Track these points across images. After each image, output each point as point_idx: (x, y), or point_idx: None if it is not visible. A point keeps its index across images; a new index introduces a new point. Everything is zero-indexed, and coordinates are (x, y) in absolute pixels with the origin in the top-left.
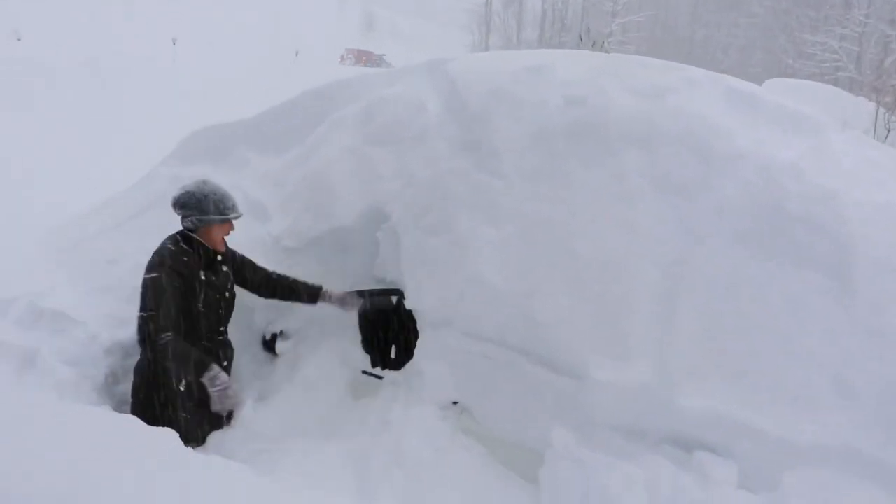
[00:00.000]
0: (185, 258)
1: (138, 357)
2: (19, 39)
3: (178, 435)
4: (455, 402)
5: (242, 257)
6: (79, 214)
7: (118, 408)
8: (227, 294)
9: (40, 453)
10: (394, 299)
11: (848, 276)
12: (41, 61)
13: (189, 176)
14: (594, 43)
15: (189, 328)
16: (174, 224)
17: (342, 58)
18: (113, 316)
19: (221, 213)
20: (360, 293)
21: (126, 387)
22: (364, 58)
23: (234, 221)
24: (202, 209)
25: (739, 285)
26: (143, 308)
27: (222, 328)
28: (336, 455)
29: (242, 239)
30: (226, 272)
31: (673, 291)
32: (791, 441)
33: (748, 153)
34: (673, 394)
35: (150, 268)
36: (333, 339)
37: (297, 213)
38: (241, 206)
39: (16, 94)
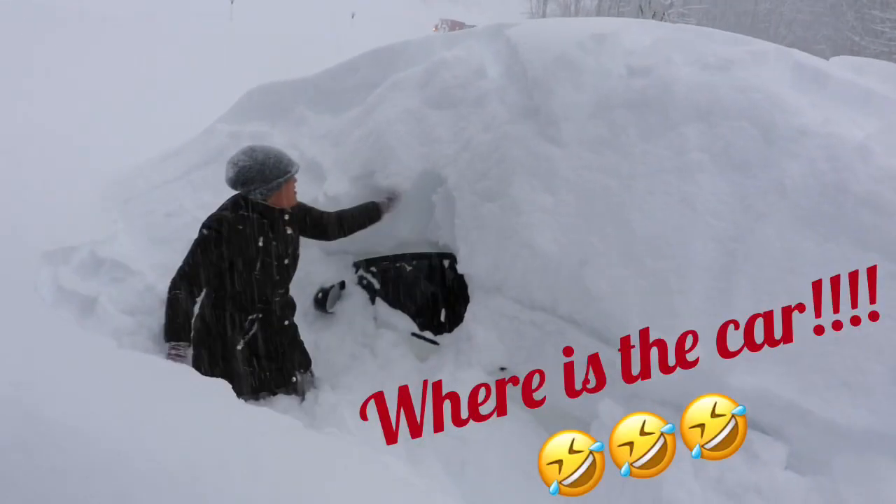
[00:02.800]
0: (240, 226)
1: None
2: None
3: (230, 386)
4: (503, 368)
5: (307, 210)
6: (138, 166)
7: None
8: (285, 260)
9: (98, 397)
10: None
11: None
12: (97, 13)
13: (249, 134)
14: (654, 13)
15: (242, 293)
16: None
17: (436, 27)
18: (169, 267)
19: (283, 174)
20: (411, 256)
21: None
22: (457, 27)
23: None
24: (265, 178)
25: (798, 266)
26: (184, 259)
27: (281, 290)
28: None
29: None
30: (290, 235)
31: (729, 268)
32: (843, 425)
33: (814, 131)
34: (724, 371)
35: (204, 227)
36: (382, 304)
37: (354, 173)
38: (299, 165)
39: (73, 45)
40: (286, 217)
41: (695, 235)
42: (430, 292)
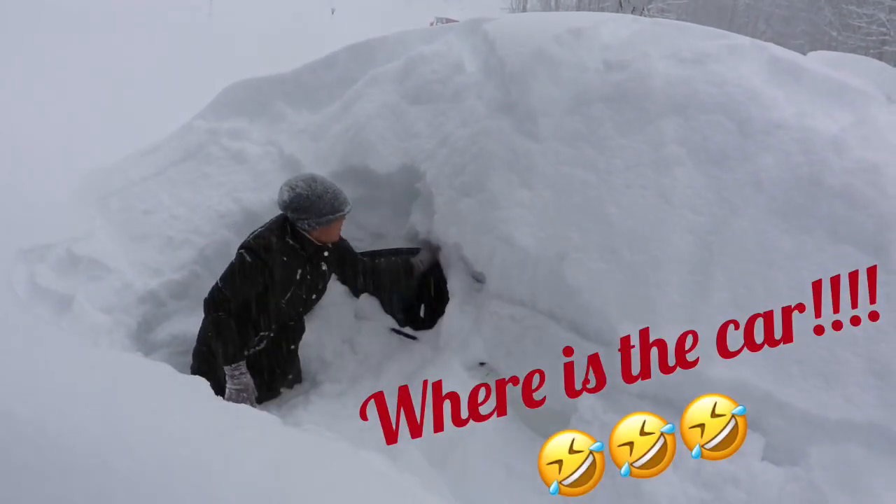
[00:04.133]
0: (284, 257)
1: (171, 305)
2: None
3: (209, 384)
4: (482, 363)
5: (345, 249)
6: (115, 163)
7: (148, 355)
8: (313, 295)
9: (75, 395)
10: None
11: (886, 251)
12: (74, 8)
13: (227, 130)
14: (634, 8)
15: (262, 315)
16: (208, 178)
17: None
18: (146, 265)
19: (337, 211)
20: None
21: (158, 335)
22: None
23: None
24: (318, 211)
25: (773, 258)
26: (222, 278)
27: (296, 317)
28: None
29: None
30: (324, 271)
31: (706, 261)
32: (819, 416)
33: (789, 124)
34: (702, 364)
35: (249, 248)
36: (363, 298)
37: (332, 169)
38: (277, 161)
39: (49, 40)
40: (325, 254)
41: (672, 229)
42: (409, 287)
